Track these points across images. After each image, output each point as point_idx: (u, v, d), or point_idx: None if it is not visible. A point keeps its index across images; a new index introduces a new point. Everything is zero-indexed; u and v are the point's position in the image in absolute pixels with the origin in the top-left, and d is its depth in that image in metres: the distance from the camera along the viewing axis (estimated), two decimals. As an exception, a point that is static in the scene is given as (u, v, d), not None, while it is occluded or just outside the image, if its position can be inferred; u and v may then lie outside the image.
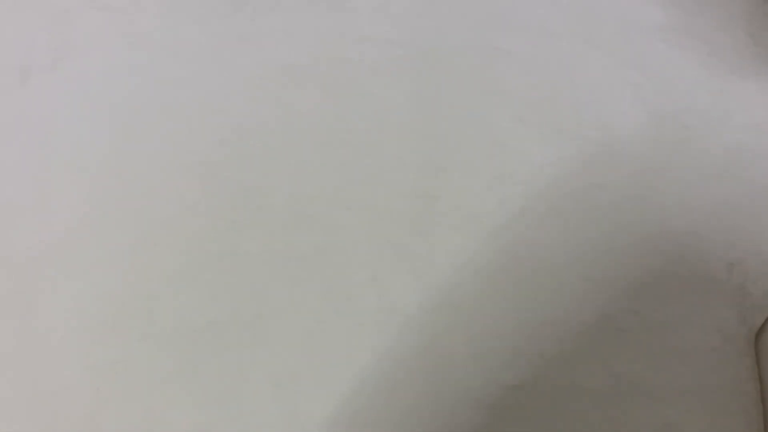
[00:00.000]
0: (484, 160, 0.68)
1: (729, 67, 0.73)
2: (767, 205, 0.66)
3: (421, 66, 0.72)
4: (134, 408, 0.57)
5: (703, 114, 0.70)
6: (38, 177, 0.66)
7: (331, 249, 0.63)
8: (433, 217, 0.65)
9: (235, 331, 0.60)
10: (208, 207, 0.65)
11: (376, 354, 0.60)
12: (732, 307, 0.62)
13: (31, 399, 0.57)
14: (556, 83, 0.72)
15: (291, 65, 0.72)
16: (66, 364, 0.59)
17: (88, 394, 0.58)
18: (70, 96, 0.70)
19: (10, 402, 0.58)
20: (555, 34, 0.75)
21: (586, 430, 0.58)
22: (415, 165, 0.67)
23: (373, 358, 0.59)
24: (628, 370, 0.60)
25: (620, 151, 0.68)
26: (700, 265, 0.64)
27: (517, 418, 0.58)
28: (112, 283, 0.61)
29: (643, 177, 0.67)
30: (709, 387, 0.59)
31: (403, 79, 0.71)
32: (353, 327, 0.61)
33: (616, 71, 0.73)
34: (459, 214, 0.65)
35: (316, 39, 0.73)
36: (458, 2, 0.76)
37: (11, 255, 0.62)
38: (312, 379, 0.59)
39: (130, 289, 0.61)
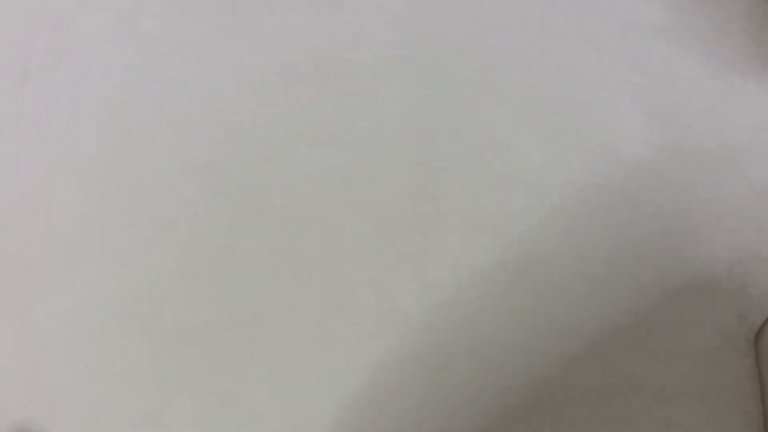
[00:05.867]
0: (484, 160, 0.68)
1: (729, 67, 0.73)
2: (767, 205, 0.66)
3: (421, 66, 0.72)
4: (134, 408, 0.57)
5: (703, 114, 0.70)
6: (38, 177, 0.66)
7: (331, 249, 0.63)
8: (433, 217, 0.65)
9: (235, 331, 0.60)
10: (208, 207, 0.65)
11: (376, 354, 0.60)
12: (732, 307, 0.62)
13: (31, 399, 0.57)
14: (556, 83, 0.72)
15: (291, 65, 0.72)
16: (66, 364, 0.59)
17: (88, 394, 0.58)
18: (70, 96, 0.70)
19: (10, 402, 0.58)
20: (555, 34, 0.75)
21: (586, 430, 0.58)
22: (415, 165, 0.67)
23: (374, 358, 0.59)
24: (628, 370, 0.59)
25: (620, 151, 0.68)
26: (701, 265, 0.64)
27: (518, 418, 0.58)
28: (112, 283, 0.61)
29: (643, 177, 0.67)
30: (709, 387, 0.59)
31: (402, 79, 0.71)
32: (353, 327, 0.60)
33: (616, 71, 0.73)
34: (459, 214, 0.65)
35: (316, 39, 0.73)
36: (458, 2, 0.77)
37: (11, 255, 0.62)
38: (312, 379, 0.59)
39: (130, 289, 0.61)
